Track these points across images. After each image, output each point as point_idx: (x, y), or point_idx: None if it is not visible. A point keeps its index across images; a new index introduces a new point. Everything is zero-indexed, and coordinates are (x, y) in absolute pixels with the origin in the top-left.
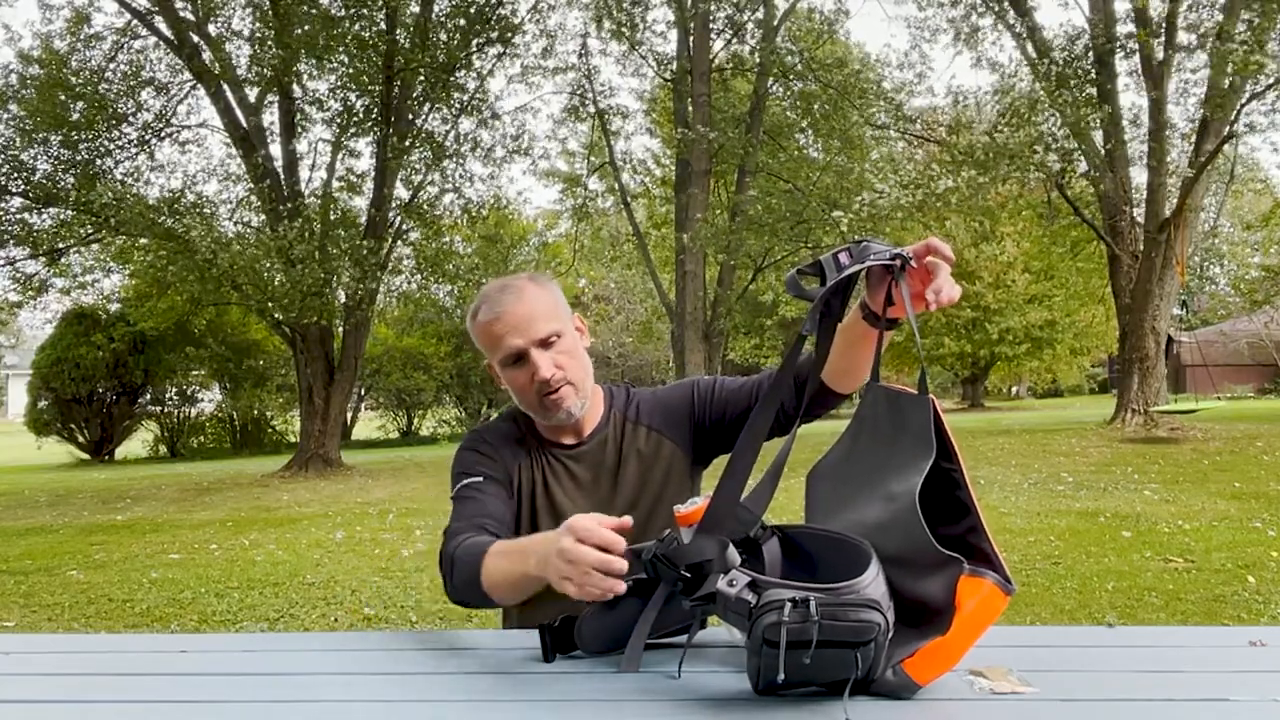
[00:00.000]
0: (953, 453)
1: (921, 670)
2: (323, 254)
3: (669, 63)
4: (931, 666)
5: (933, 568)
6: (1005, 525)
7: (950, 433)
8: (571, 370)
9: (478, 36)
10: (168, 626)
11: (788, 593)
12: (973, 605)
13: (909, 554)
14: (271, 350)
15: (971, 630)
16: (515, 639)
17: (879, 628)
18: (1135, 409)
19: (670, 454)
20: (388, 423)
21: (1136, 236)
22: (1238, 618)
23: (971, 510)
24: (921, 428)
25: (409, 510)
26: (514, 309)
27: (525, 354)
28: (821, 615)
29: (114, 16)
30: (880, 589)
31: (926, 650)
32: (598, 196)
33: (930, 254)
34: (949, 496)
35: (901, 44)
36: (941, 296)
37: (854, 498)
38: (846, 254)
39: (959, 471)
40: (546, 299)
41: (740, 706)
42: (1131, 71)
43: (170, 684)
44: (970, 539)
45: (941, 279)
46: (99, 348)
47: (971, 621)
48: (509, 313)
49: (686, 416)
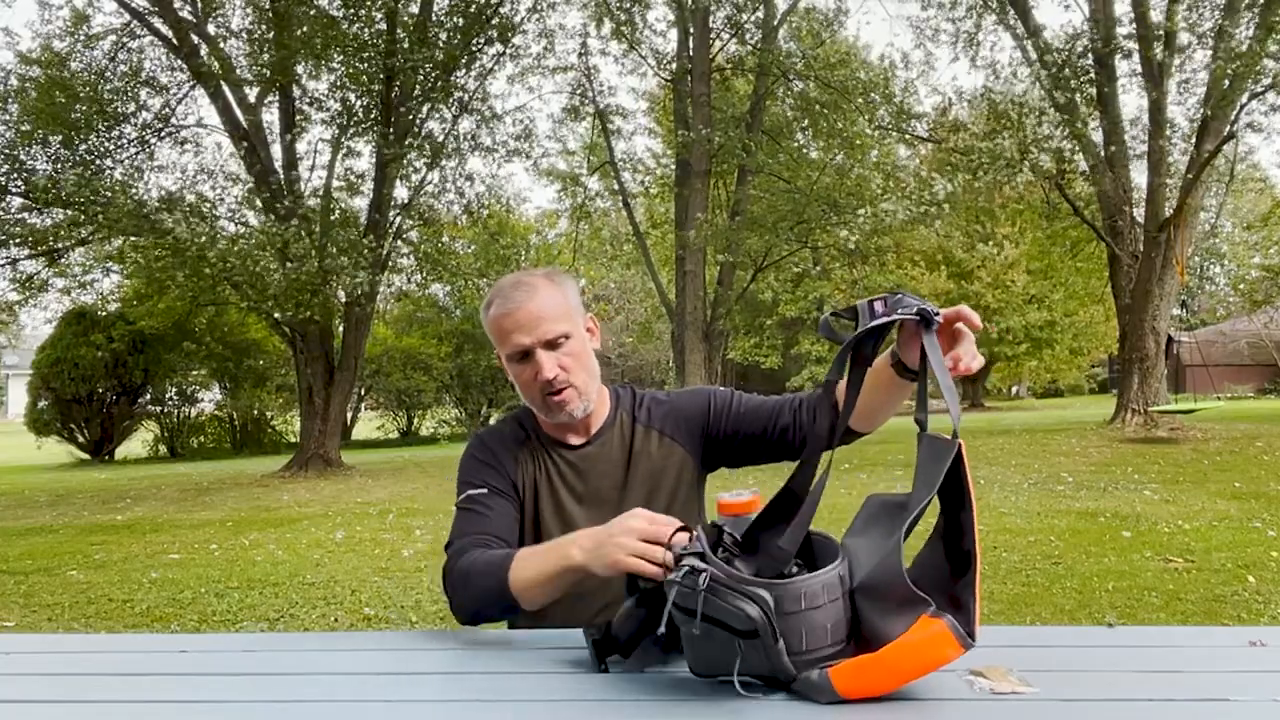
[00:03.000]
0: (968, 500)
1: (845, 680)
2: (321, 251)
3: (669, 62)
4: (856, 681)
5: (900, 605)
6: (1005, 525)
7: (969, 480)
8: (575, 373)
9: (477, 36)
10: (168, 626)
11: (695, 562)
12: (917, 637)
13: (884, 588)
14: (271, 350)
15: (908, 661)
16: (517, 639)
17: (755, 623)
18: (1135, 409)
19: (681, 461)
20: (388, 423)
21: (1136, 236)
22: (1238, 618)
23: (971, 564)
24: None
25: (409, 510)
26: (525, 306)
27: (530, 353)
28: (707, 590)
29: (113, 16)
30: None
31: (855, 663)
32: (597, 196)
33: (959, 320)
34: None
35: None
36: (961, 366)
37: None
38: (882, 303)
39: (970, 520)
40: (559, 299)
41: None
42: (1131, 71)
43: (170, 684)
44: (958, 589)
45: (964, 347)
46: (98, 347)
47: (909, 652)
48: (520, 310)
49: (700, 427)
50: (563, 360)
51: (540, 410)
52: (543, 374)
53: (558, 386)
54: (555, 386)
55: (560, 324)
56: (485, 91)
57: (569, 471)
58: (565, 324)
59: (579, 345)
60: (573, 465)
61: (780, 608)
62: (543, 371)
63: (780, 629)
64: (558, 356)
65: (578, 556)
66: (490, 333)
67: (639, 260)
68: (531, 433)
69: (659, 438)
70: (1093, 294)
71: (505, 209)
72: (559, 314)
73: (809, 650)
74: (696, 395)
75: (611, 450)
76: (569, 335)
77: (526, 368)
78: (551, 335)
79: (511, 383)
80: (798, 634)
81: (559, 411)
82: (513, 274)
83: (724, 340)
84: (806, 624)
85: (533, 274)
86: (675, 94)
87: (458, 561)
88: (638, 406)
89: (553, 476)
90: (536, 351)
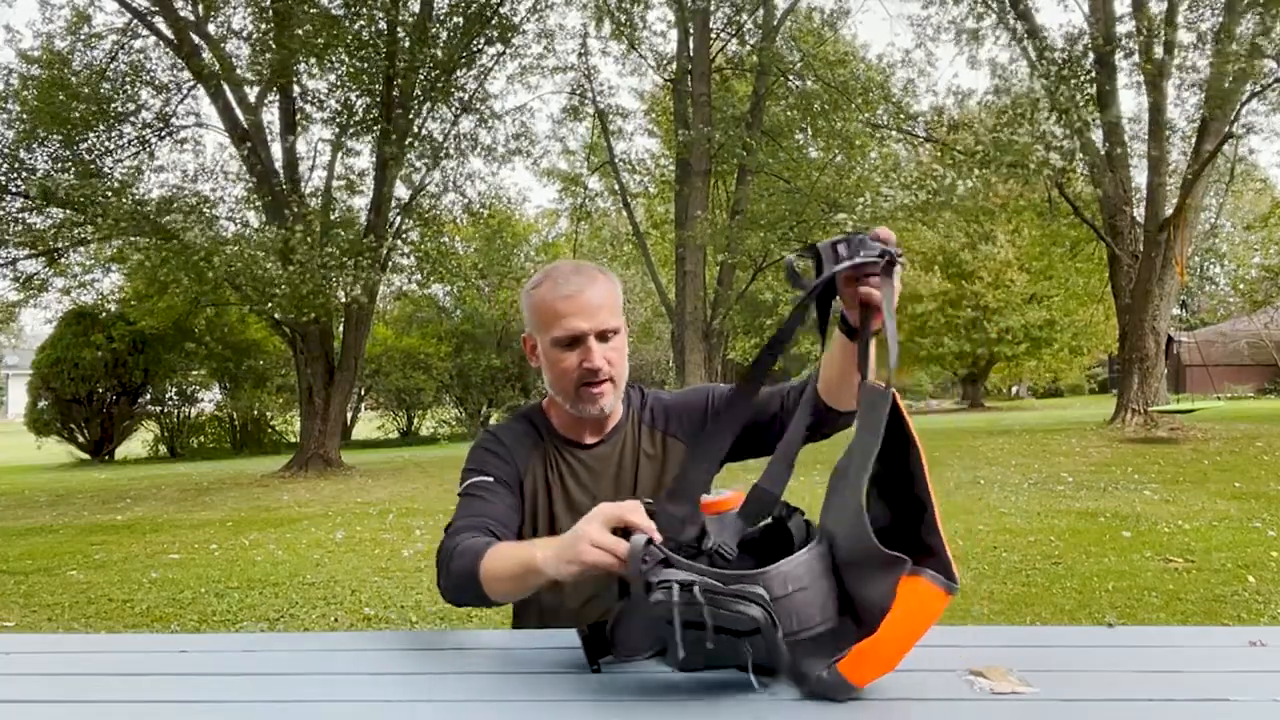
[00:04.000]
0: (913, 445)
1: (857, 671)
2: (322, 252)
3: (669, 62)
4: (866, 668)
5: (879, 568)
6: (1005, 525)
7: (911, 425)
8: (618, 369)
9: (478, 36)
10: (168, 626)
11: (679, 575)
12: (906, 604)
13: (859, 555)
14: (271, 350)
15: (906, 630)
16: (517, 639)
17: (759, 622)
18: (1135, 409)
19: (682, 458)
20: (388, 423)
21: (1136, 236)
22: (1238, 618)
23: (927, 506)
24: (878, 421)
25: (409, 510)
26: (587, 292)
27: (584, 339)
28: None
29: (114, 16)
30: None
31: (859, 650)
32: (597, 196)
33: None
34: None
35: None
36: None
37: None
38: (845, 245)
39: (919, 465)
40: (615, 294)
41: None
42: (1131, 70)
43: (170, 684)
44: (923, 534)
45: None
46: (98, 347)
47: (904, 621)
48: (581, 294)
49: (700, 423)
50: (609, 354)
51: (568, 400)
52: (592, 361)
53: (601, 378)
54: (599, 378)
55: (615, 318)
56: (485, 91)
57: (582, 470)
58: (617, 319)
59: (622, 343)
60: (585, 464)
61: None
62: (592, 359)
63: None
64: (606, 350)
65: (538, 558)
66: (535, 311)
67: (639, 260)
68: (543, 431)
69: (662, 437)
70: (1092, 294)
71: (506, 209)
72: (615, 307)
73: (801, 630)
74: (697, 393)
75: (621, 450)
76: (618, 330)
77: (572, 354)
78: (606, 327)
79: (536, 369)
80: (789, 616)
81: (591, 404)
82: (567, 259)
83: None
84: (795, 606)
85: (588, 264)
86: (675, 94)
87: (448, 541)
88: (644, 407)
89: (565, 475)
90: (590, 339)
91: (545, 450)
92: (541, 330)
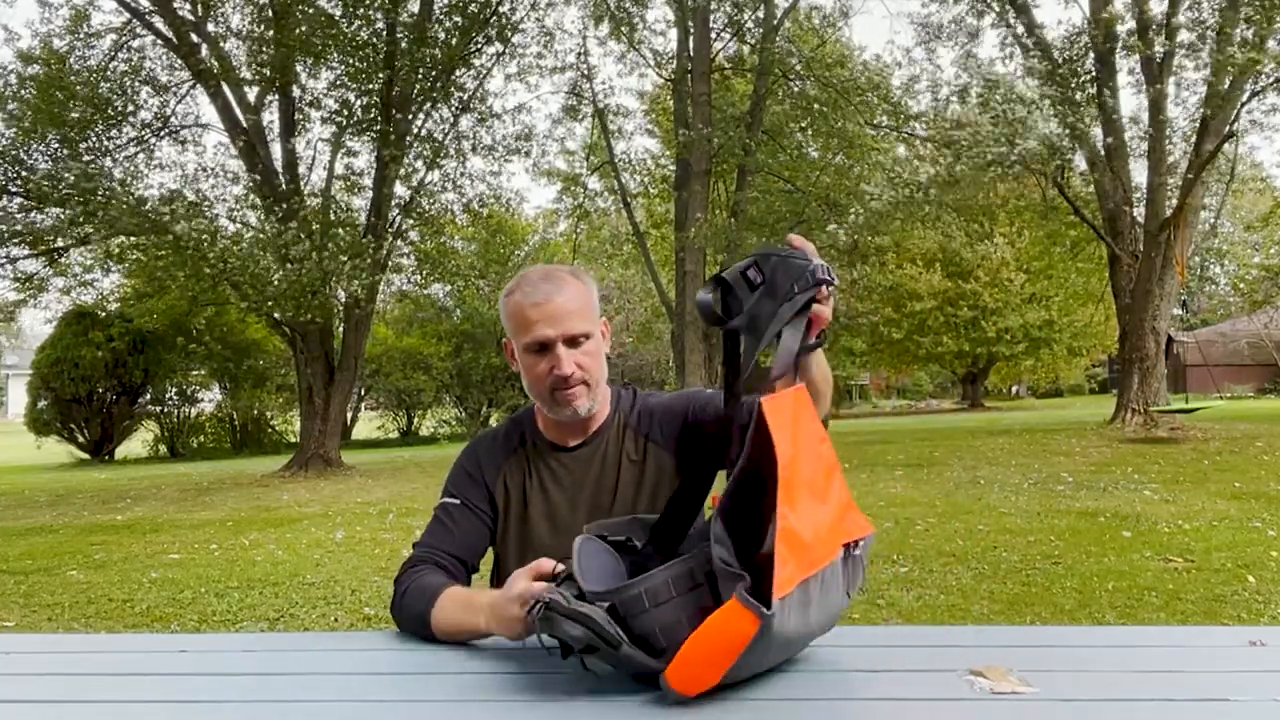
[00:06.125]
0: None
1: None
2: (321, 252)
3: (669, 62)
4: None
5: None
6: (1005, 525)
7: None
8: (591, 372)
9: (477, 35)
10: (168, 626)
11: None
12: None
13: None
14: (271, 350)
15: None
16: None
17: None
18: (1135, 409)
19: (660, 464)
20: (388, 423)
21: (1136, 236)
22: (1238, 618)
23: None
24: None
25: (409, 510)
26: (553, 299)
27: (550, 346)
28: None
29: (113, 15)
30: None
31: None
32: (597, 196)
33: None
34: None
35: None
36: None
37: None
38: (755, 269)
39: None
40: (585, 298)
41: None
42: (1131, 69)
43: (170, 684)
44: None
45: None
46: (98, 347)
47: (709, 635)
48: (548, 302)
49: (678, 428)
50: (580, 359)
51: (545, 405)
52: (560, 369)
53: (571, 383)
54: (570, 383)
55: (584, 323)
56: (484, 90)
57: (562, 472)
58: (588, 323)
59: (596, 346)
60: (565, 467)
61: (629, 610)
62: (561, 366)
63: (637, 631)
64: (576, 354)
65: (482, 623)
66: (508, 319)
67: (639, 260)
68: (529, 437)
69: (644, 442)
70: (1092, 294)
71: (505, 209)
72: (584, 312)
73: (671, 646)
74: (680, 397)
75: (604, 453)
76: (589, 335)
77: (542, 360)
78: (574, 332)
79: (517, 373)
80: (652, 632)
81: (565, 408)
82: (539, 265)
83: None
84: (658, 621)
85: (560, 268)
86: (675, 94)
87: (405, 573)
88: (632, 410)
89: (545, 480)
90: (557, 346)
91: (524, 458)
92: (515, 336)
